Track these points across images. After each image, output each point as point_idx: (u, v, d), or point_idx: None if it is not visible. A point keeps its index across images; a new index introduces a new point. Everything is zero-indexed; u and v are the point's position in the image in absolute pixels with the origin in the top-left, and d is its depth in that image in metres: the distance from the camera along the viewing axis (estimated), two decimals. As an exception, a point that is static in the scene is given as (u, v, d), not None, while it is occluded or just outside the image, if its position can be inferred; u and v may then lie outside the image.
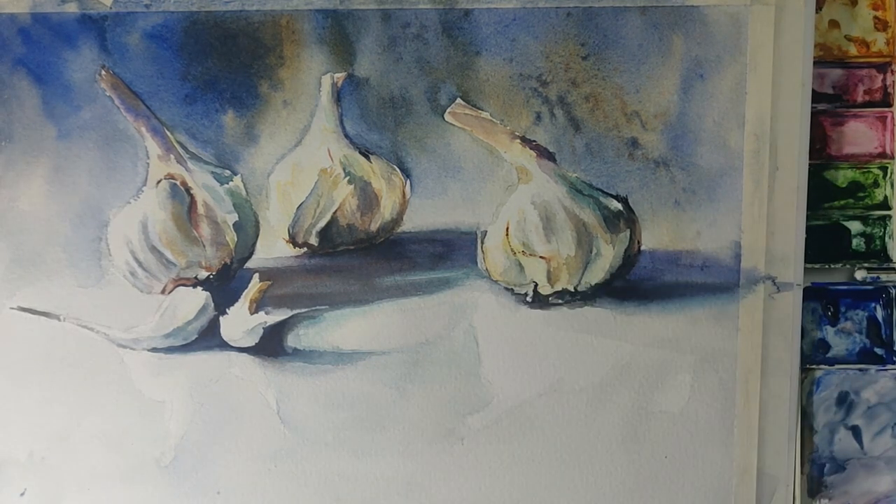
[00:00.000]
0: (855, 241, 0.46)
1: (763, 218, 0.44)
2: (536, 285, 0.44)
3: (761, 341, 0.44)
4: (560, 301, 0.45)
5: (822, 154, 0.46)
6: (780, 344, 0.44)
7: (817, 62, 0.44)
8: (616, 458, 0.45)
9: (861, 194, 0.46)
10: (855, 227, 0.46)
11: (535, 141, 0.44)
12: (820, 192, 0.46)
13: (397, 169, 0.44)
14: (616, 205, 0.44)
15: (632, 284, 0.45)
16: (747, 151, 0.44)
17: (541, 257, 0.44)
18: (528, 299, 0.45)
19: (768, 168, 0.43)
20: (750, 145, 0.43)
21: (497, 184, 0.44)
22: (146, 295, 0.44)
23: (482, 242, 0.44)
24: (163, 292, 0.44)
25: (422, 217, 0.44)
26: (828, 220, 0.46)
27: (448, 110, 0.43)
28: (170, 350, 0.45)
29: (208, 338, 0.45)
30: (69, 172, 0.44)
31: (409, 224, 0.44)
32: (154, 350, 0.44)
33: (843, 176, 0.46)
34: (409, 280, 0.45)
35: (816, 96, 0.44)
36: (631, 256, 0.44)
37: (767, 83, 0.43)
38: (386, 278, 0.45)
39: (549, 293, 0.44)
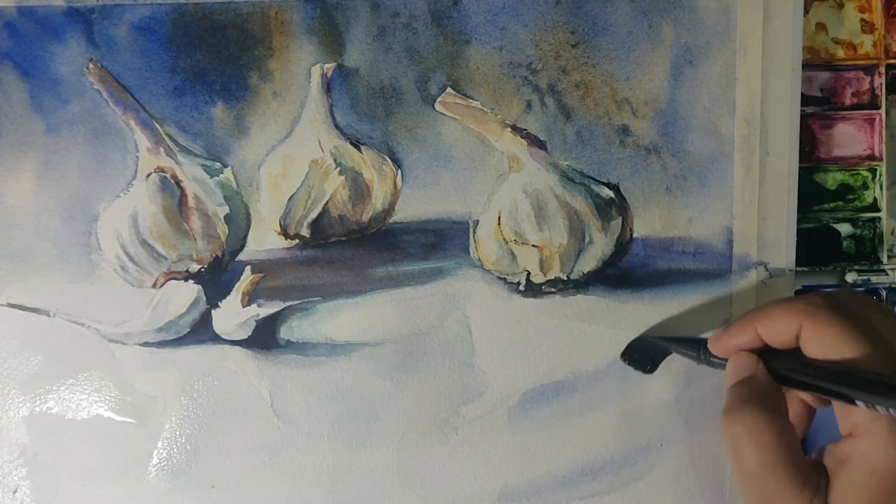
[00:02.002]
0: (845, 244, 0.47)
1: (755, 203, 0.44)
2: (529, 274, 0.44)
3: (754, 327, 0.44)
4: (553, 289, 0.45)
5: (811, 157, 0.46)
6: (772, 329, 0.44)
7: (805, 65, 0.44)
8: (611, 446, 0.45)
9: (850, 196, 0.47)
10: (845, 229, 0.47)
11: (525, 129, 0.44)
12: (809, 194, 0.46)
13: (388, 159, 0.44)
14: (608, 192, 0.44)
15: (624, 272, 0.45)
16: (738, 137, 0.44)
17: (533, 246, 0.44)
18: (521, 288, 0.44)
19: (759, 153, 0.44)
20: (741, 131, 0.44)
21: (488, 173, 0.44)
22: (137, 289, 0.44)
23: (474, 232, 0.44)
24: (154, 286, 0.44)
25: (413, 207, 0.44)
26: (818, 223, 0.47)
27: (439, 100, 0.43)
28: (162, 344, 0.44)
29: (200, 331, 0.44)
30: (58, 167, 0.43)
31: (401, 214, 0.44)
32: (146, 344, 0.44)
33: (832, 178, 0.46)
34: (402, 270, 0.44)
35: (805, 99, 0.45)
36: (623, 244, 0.44)
37: (757, 68, 0.43)
38: (378, 269, 0.44)
39: (541, 282, 0.44)
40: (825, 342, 0.33)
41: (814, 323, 0.33)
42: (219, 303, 0.44)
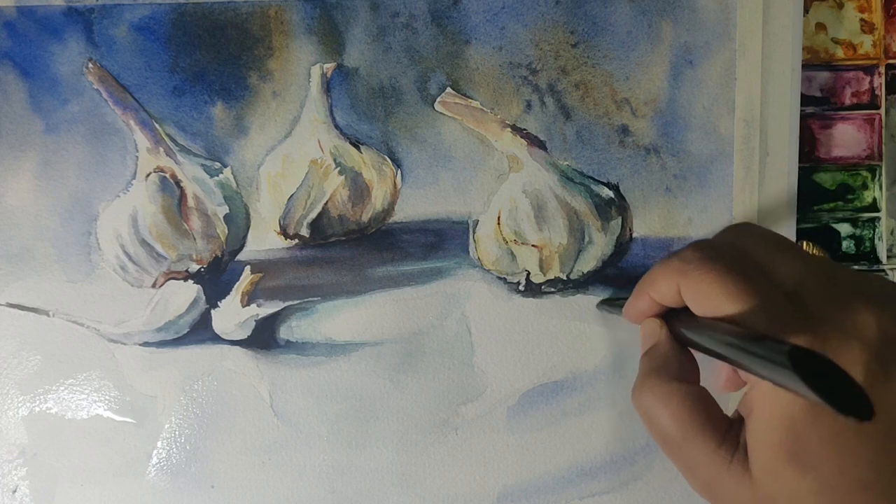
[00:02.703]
0: (845, 244, 0.47)
1: (754, 204, 0.44)
2: (529, 274, 0.44)
3: (754, 327, 0.44)
4: (552, 289, 0.45)
5: (810, 157, 0.46)
6: (772, 329, 0.44)
7: (805, 66, 0.44)
8: (611, 446, 0.45)
9: (850, 196, 0.47)
10: (844, 229, 0.47)
11: (525, 129, 0.44)
12: (809, 194, 0.46)
13: (388, 159, 0.44)
14: (607, 192, 0.44)
15: (624, 272, 0.45)
16: (737, 137, 0.44)
17: (533, 246, 0.44)
18: (521, 288, 0.44)
19: (759, 153, 0.44)
20: (740, 131, 0.44)
21: (488, 173, 0.44)
22: (137, 289, 0.44)
23: (474, 232, 0.44)
24: (154, 286, 0.44)
25: (413, 207, 0.44)
26: (817, 223, 0.47)
27: (438, 99, 0.43)
28: (161, 344, 0.44)
29: (200, 331, 0.44)
30: (57, 166, 0.43)
31: (401, 214, 0.44)
32: (145, 344, 0.44)
33: (831, 178, 0.46)
34: (402, 270, 0.44)
35: (804, 99, 0.45)
36: (623, 244, 0.44)
37: (757, 68, 0.43)
38: (378, 269, 0.44)
39: (541, 282, 0.44)
40: (701, 300, 0.30)
41: (687, 280, 0.30)
42: (218, 303, 0.44)
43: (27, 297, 0.44)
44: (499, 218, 0.44)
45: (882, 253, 0.47)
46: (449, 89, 0.43)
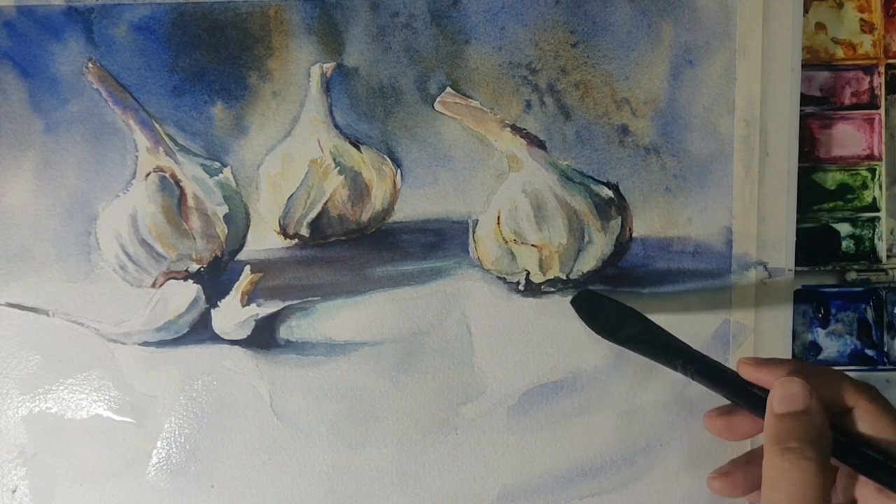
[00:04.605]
0: (844, 244, 0.47)
1: (754, 203, 0.44)
2: (528, 274, 0.44)
3: (753, 327, 0.44)
4: (552, 289, 0.45)
5: (810, 157, 0.46)
6: (771, 329, 0.44)
7: (804, 65, 0.44)
8: (611, 446, 0.45)
9: (850, 196, 0.47)
10: (844, 229, 0.47)
11: (525, 129, 0.44)
12: (809, 194, 0.46)
13: (388, 159, 0.44)
14: (607, 192, 0.44)
15: (624, 272, 0.45)
16: (737, 137, 0.44)
17: (532, 245, 0.44)
18: (521, 288, 0.44)
19: (759, 153, 0.44)
20: (740, 131, 0.44)
21: (488, 172, 0.44)
22: (136, 289, 0.44)
23: (474, 231, 0.44)
24: (153, 286, 0.44)
25: (413, 207, 0.44)
26: (817, 223, 0.47)
27: (438, 99, 0.43)
28: (161, 344, 0.44)
29: (200, 331, 0.44)
30: (57, 166, 0.43)
31: (401, 214, 0.44)
32: (145, 344, 0.44)
33: (831, 178, 0.46)
34: (401, 270, 0.44)
35: (804, 99, 0.45)
36: (622, 244, 0.44)
37: (757, 68, 0.43)
38: (378, 269, 0.44)
39: (541, 281, 0.44)
40: (879, 426, 0.32)
41: (872, 406, 0.33)
42: (218, 302, 0.44)
43: (27, 296, 0.44)
44: (498, 218, 0.44)
45: (882, 253, 0.47)
46: (449, 89, 0.43)
